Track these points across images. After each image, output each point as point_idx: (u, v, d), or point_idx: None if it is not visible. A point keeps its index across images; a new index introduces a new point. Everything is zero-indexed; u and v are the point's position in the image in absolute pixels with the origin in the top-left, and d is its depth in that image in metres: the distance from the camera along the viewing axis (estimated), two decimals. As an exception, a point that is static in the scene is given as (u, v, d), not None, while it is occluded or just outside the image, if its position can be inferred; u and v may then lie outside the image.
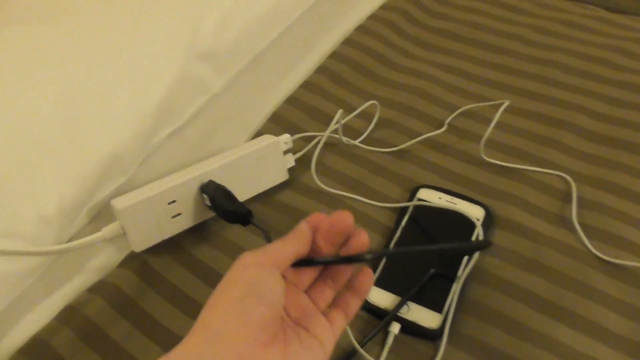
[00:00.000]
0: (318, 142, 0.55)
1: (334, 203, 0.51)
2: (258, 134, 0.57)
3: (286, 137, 0.53)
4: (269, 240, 0.44)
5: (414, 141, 0.56)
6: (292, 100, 0.60)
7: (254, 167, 0.50)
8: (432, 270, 0.44)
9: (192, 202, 0.48)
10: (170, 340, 0.42)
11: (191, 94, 0.54)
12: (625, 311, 0.43)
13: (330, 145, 0.56)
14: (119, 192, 0.49)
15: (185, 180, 0.47)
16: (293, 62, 0.65)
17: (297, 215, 0.50)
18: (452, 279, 0.44)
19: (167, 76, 0.51)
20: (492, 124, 0.53)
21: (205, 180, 0.48)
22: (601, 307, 0.43)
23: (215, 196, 0.46)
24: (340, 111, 0.53)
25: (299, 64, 0.65)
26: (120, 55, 0.50)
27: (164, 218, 0.46)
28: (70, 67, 0.49)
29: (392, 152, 0.55)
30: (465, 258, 0.46)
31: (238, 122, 0.58)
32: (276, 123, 0.58)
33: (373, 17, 0.71)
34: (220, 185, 0.47)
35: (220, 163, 0.48)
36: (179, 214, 0.47)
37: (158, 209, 0.46)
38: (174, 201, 0.46)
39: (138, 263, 0.46)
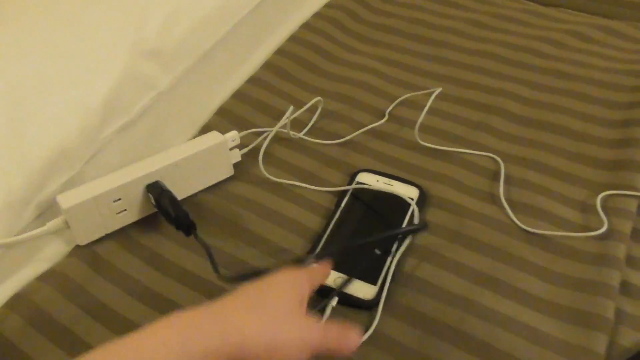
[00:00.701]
0: (266, 136, 0.58)
1: (278, 190, 0.54)
2: (205, 128, 0.59)
3: (233, 134, 0.54)
4: (209, 254, 0.45)
5: (357, 133, 0.59)
6: (238, 95, 0.63)
7: (201, 165, 0.52)
8: (377, 252, 0.47)
9: (137, 200, 0.50)
10: (119, 322, 0.43)
11: (138, 91, 0.56)
12: (544, 275, 0.47)
13: (278, 138, 0.59)
14: (67, 186, 0.51)
15: (131, 180, 0.48)
16: (240, 59, 0.68)
17: (243, 203, 0.53)
18: (386, 254, 0.48)
19: (112, 72, 0.53)
20: (425, 110, 0.57)
21: (152, 180, 0.50)
22: (523, 273, 0.47)
23: (161, 201, 0.48)
24: (291, 107, 0.56)
25: (246, 60, 0.68)
26: (65, 51, 0.52)
27: (109, 214, 0.48)
28: (14, 63, 0.50)
29: (337, 143, 0.58)
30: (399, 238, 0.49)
31: (186, 117, 0.61)
32: (223, 117, 0.60)
33: (318, 14, 0.74)
34: (166, 190, 0.49)
35: (167, 162, 0.50)
36: (124, 210, 0.49)
37: (103, 207, 0.48)
38: (119, 199, 0.48)
39: (86, 252, 0.48)
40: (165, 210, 0.48)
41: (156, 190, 0.49)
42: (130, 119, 0.56)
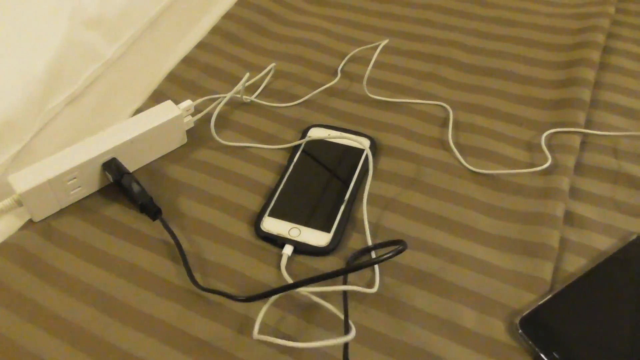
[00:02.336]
0: (219, 102, 0.57)
1: (232, 152, 0.54)
2: (156, 93, 0.59)
3: (188, 104, 0.54)
4: (176, 240, 0.45)
5: (310, 94, 0.59)
6: (188, 60, 0.62)
7: (156, 138, 0.52)
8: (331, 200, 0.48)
9: (93, 177, 0.49)
10: (76, 286, 0.44)
11: (82, 60, 0.55)
12: (492, 212, 0.49)
13: (232, 102, 0.59)
14: (16, 161, 0.50)
15: (87, 160, 0.47)
16: (189, 24, 0.67)
17: (197, 166, 0.53)
18: (340, 202, 0.49)
19: (52, 41, 0.52)
20: (372, 63, 0.58)
21: (108, 157, 0.49)
22: (473, 212, 0.49)
23: (122, 182, 0.47)
24: (247, 74, 0.56)
25: (194, 26, 0.67)
26: (1, 21, 0.50)
27: (64, 193, 0.48)
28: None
29: (291, 105, 0.59)
30: (353, 182, 0.50)
31: (136, 85, 0.60)
32: (173, 83, 0.60)
33: (265, -22, 0.74)
34: (126, 172, 0.48)
35: (123, 140, 0.49)
36: (79, 187, 0.49)
37: (58, 188, 0.47)
38: (74, 178, 0.47)
39: (40, 224, 0.48)
40: (129, 195, 0.47)
41: (114, 169, 0.48)
42: (76, 89, 0.55)
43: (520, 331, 0.41)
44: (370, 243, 0.46)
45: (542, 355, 0.39)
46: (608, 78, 0.60)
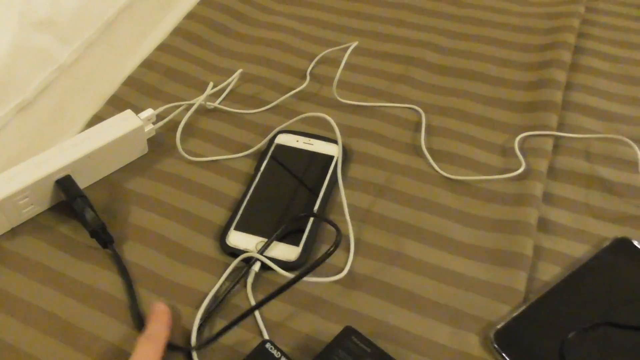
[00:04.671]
0: (185, 109, 0.55)
1: (197, 162, 0.51)
2: (114, 99, 0.55)
3: (149, 114, 0.50)
4: (127, 279, 0.42)
5: (278, 100, 0.56)
6: (148, 64, 0.59)
7: (115, 151, 0.49)
8: (303, 214, 0.46)
9: (46, 195, 0.46)
10: (30, 313, 0.41)
11: (33, 65, 0.52)
12: (466, 220, 0.47)
13: (197, 108, 0.55)
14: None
15: (40, 179, 0.44)
16: (149, 26, 0.64)
17: (160, 177, 0.50)
18: (308, 215, 0.47)
19: (0, 46, 0.49)
20: (341, 66, 0.56)
21: (62, 174, 0.46)
22: (446, 221, 0.47)
23: (75, 207, 0.44)
24: (210, 84, 0.54)
25: (155, 27, 0.64)
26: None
27: (15, 212, 0.45)
28: None
29: (258, 112, 0.56)
30: (322, 191, 0.48)
31: (93, 91, 0.57)
32: (132, 87, 0.57)
33: (230, -25, 0.71)
34: (79, 193, 0.45)
35: (79, 155, 0.46)
36: (32, 205, 0.45)
37: (8, 207, 0.44)
38: (26, 197, 0.44)
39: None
40: (80, 214, 0.44)
41: (68, 189, 0.45)
42: (28, 96, 0.52)
43: (494, 345, 0.39)
44: (352, 254, 0.45)
45: (518, 370, 0.39)
46: (579, 79, 0.59)
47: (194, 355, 0.39)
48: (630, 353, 0.39)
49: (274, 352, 0.37)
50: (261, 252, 0.44)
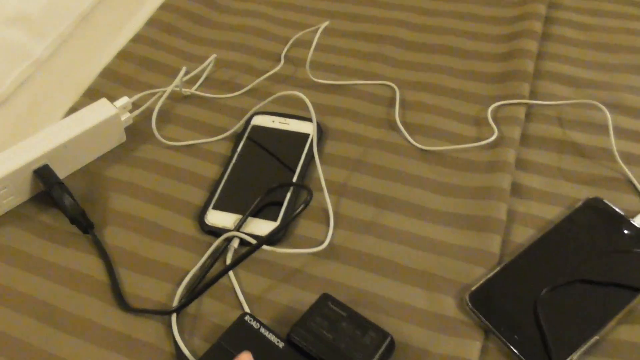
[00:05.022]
0: (159, 97, 0.55)
1: (175, 146, 0.52)
2: (90, 91, 0.56)
3: (125, 102, 0.51)
4: (107, 261, 0.43)
5: (254, 83, 0.57)
6: (123, 55, 0.60)
7: (92, 140, 0.49)
8: (273, 185, 0.47)
9: (25, 185, 0.46)
10: (13, 298, 0.41)
11: (8, 60, 0.52)
12: (441, 189, 0.48)
13: (173, 95, 0.56)
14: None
15: (18, 168, 0.45)
16: (123, 18, 0.64)
17: (139, 163, 0.51)
18: (286, 189, 0.47)
19: (-29, 42, 0.49)
20: (313, 47, 0.56)
21: (40, 164, 0.46)
22: (422, 191, 0.48)
23: (53, 194, 0.45)
24: (184, 68, 0.54)
25: (130, 19, 0.64)
26: None
27: None
28: None
29: (234, 96, 0.57)
30: (299, 168, 0.49)
31: (70, 84, 0.57)
32: (108, 78, 0.57)
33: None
34: (56, 181, 0.45)
35: (55, 144, 0.46)
36: (11, 196, 0.46)
37: None
38: (5, 188, 0.45)
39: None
40: (60, 206, 0.45)
41: (46, 178, 0.46)
42: (4, 91, 0.52)
43: (469, 306, 0.40)
44: (332, 226, 0.45)
45: (493, 329, 0.39)
46: (551, 48, 0.60)
47: (173, 318, 0.40)
48: (602, 308, 0.40)
49: (253, 323, 0.38)
50: (238, 228, 0.45)
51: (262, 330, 0.37)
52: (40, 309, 0.41)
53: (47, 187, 0.45)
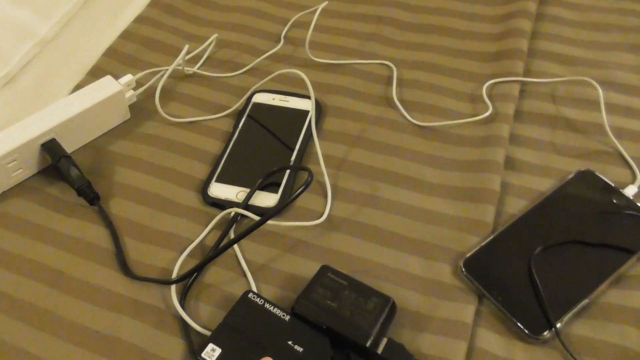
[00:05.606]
0: (162, 75, 0.56)
1: (178, 123, 0.53)
2: (95, 69, 0.57)
3: (129, 79, 0.52)
4: (113, 230, 0.44)
5: (255, 62, 0.58)
6: (127, 35, 0.61)
7: (97, 116, 0.50)
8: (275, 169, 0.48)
9: (33, 159, 0.48)
10: (23, 265, 0.43)
11: (14, 39, 0.54)
12: (437, 163, 0.49)
13: (176, 74, 0.58)
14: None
15: (26, 142, 0.46)
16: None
17: (143, 139, 0.52)
18: (287, 162, 0.49)
19: (-22, 20, 0.50)
20: (312, 27, 0.58)
21: (48, 138, 0.48)
22: (418, 165, 0.49)
23: (60, 167, 0.46)
24: (186, 46, 0.55)
25: (133, 1, 0.66)
26: None
27: (4, 175, 0.46)
28: None
29: (235, 75, 0.58)
30: (299, 143, 0.50)
31: (75, 63, 0.58)
32: (112, 58, 0.59)
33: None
34: (63, 154, 0.47)
35: (62, 119, 0.48)
36: (20, 169, 0.47)
37: None
38: (14, 160, 0.46)
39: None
40: (67, 179, 0.46)
41: (52, 151, 0.47)
42: (11, 70, 0.54)
43: (464, 272, 0.42)
44: (330, 200, 0.47)
45: (486, 293, 0.41)
46: (545, 28, 0.61)
47: (172, 289, 0.41)
48: (594, 270, 0.42)
49: (257, 300, 0.39)
50: (244, 203, 0.46)
51: (267, 305, 0.39)
52: (50, 275, 0.43)
53: (54, 160, 0.47)
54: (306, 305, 0.38)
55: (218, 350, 0.36)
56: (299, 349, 0.36)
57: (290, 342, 0.37)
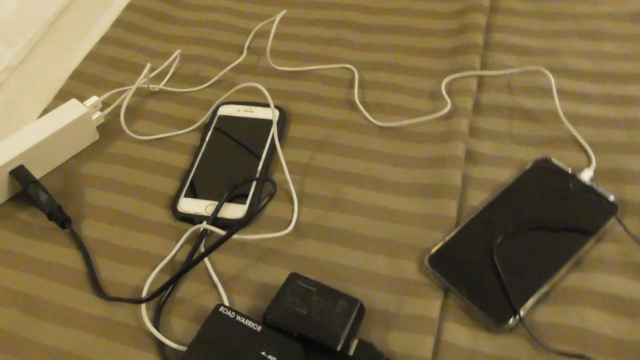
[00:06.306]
0: (126, 96, 0.57)
1: (146, 141, 0.54)
2: (61, 93, 0.58)
3: (94, 101, 0.53)
4: (84, 252, 0.45)
5: (219, 75, 0.59)
6: (92, 56, 0.62)
7: (65, 139, 0.51)
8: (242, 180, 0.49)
9: (2, 187, 0.49)
10: None
11: (-22, 69, 0.54)
12: (399, 162, 0.51)
13: (142, 92, 0.59)
14: None
15: None
16: (90, 21, 0.66)
17: (111, 159, 0.53)
18: (253, 173, 0.50)
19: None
20: (271, 36, 0.59)
21: (16, 165, 0.48)
22: (379, 164, 0.51)
23: (29, 192, 0.47)
24: (148, 65, 0.56)
25: (97, 21, 0.66)
26: None
27: None
28: None
29: (201, 89, 0.59)
30: (265, 152, 0.51)
31: (42, 88, 0.59)
32: (78, 80, 0.59)
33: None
34: (32, 179, 0.47)
35: (29, 145, 0.49)
36: None
37: None
38: None
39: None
40: (37, 204, 0.47)
41: (21, 177, 0.48)
42: (-23, 100, 0.54)
43: (429, 268, 0.43)
44: (296, 209, 0.48)
45: (451, 287, 0.42)
46: (499, 20, 0.62)
47: (142, 308, 0.42)
48: (554, 255, 0.43)
49: (229, 313, 0.40)
50: (212, 217, 0.47)
51: (239, 317, 0.39)
52: (22, 301, 0.43)
53: (23, 186, 0.47)
54: (277, 314, 0.39)
55: (193, 366, 0.37)
56: (273, 358, 0.37)
57: (263, 353, 0.38)
